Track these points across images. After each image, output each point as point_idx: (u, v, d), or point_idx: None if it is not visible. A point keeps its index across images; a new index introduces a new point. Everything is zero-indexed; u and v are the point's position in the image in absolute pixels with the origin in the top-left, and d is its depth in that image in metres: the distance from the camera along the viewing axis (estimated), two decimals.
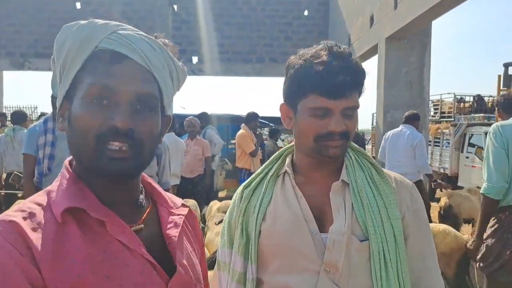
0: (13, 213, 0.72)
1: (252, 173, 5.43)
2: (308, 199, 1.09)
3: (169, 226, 0.87)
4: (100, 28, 0.77)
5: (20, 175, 3.88)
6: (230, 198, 4.62)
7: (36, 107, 22.65)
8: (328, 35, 12.91)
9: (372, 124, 21.37)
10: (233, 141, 10.22)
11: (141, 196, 0.88)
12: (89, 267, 0.70)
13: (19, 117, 6.16)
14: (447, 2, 4.88)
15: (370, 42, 7.75)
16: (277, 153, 1.24)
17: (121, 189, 0.82)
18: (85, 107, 0.75)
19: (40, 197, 0.77)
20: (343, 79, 1.01)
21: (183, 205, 0.97)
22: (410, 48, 6.73)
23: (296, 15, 13.30)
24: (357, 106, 1.06)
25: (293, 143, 1.21)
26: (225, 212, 4.86)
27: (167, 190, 3.76)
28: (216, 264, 1.25)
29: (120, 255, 0.75)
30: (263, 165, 1.24)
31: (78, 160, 0.80)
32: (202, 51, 12.80)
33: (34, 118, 16.69)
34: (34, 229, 0.70)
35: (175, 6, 12.98)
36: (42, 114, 5.35)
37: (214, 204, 5.16)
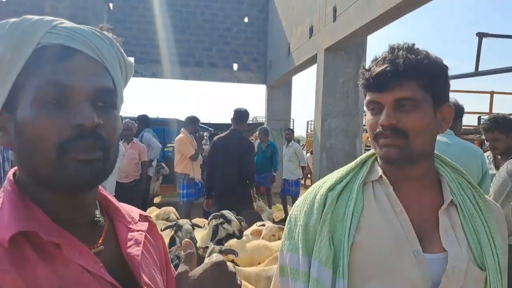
0: None
1: (191, 178, 5.30)
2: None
3: (129, 244, 0.80)
4: (39, 23, 0.68)
5: None
6: (166, 204, 4.51)
7: None
8: (267, 43, 13.11)
9: (307, 131, 22.12)
10: (170, 145, 9.99)
11: (97, 212, 0.79)
12: None
13: None
14: (383, 16, 5.15)
15: (309, 52, 7.96)
16: (360, 157, 1.13)
17: (77, 204, 0.73)
18: (37, 114, 0.65)
19: None
20: (384, 69, 0.97)
21: (142, 217, 0.90)
22: (347, 59, 7.00)
23: (235, 21, 13.34)
24: (414, 98, 0.96)
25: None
26: (165, 219, 4.73)
27: None
28: (279, 271, 1.12)
29: (80, 279, 0.67)
30: (344, 170, 1.11)
31: (33, 175, 0.69)
32: (138, 52, 12.41)
33: None
34: None
35: (111, 5, 12.46)
36: None
37: (152, 211, 4.99)
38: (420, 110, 0.97)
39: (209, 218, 3.88)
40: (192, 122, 6.51)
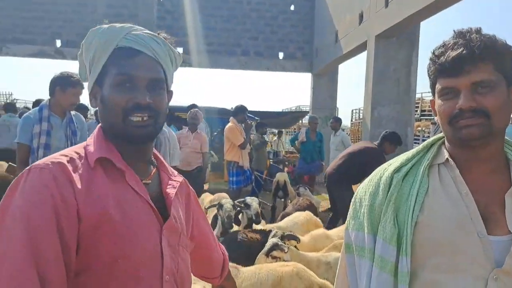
0: (60, 157, 0.97)
1: (240, 166, 5.43)
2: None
3: (168, 186, 1.14)
4: (118, 30, 1.03)
5: (15, 165, 3.77)
6: (214, 191, 4.67)
7: (11, 94, 21.91)
8: (314, 31, 12.97)
9: (351, 120, 21.74)
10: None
11: (151, 160, 1.15)
12: (110, 203, 0.94)
13: (11, 106, 8.31)
14: (438, 3, 4.97)
15: (358, 39, 7.83)
16: (427, 141, 1.16)
17: (137, 151, 1.09)
18: (114, 90, 1.02)
19: (78, 148, 1.04)
20: (460, 53, 0.97)
21: (179, 175, 1.24)
22: (398, 46, 6.83)
23: (282, 9, 13.28)
24: (490, 80, 0.98)
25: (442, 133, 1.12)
26: None
27: None
28: (345, 248, 1.19)
29: (132, 199, 1.00)
30: (410, 153, 1.15)
31: (109, 128, 1.06)
32: (187, 43, 12.64)
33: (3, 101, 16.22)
34: (74, 170, 0.95)
35: None
36: (38, 101, 5.21)
37: (206, 197, 5.16)
38: (496, 91, 0.98)
39: (207, 207, 4.15)
40: (241, 111, 6.60)
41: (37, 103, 5.58)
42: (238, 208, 3.89)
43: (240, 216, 3.92)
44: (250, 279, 2.38)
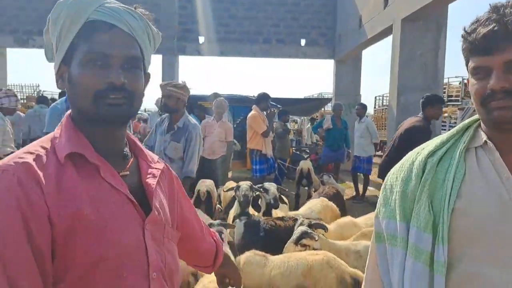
0: (23, 155, 0.88)
1: (263, 154, 5.42)
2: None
3: (148, 176, 1.06)
4: (89, 2, 0.92)
5: None
6: (237, 179, 4.70)
7: (38, 85, 22.42)
8: (336, 16, 12.72)
9: (375, 107, 21.37)
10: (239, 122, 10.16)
11: (126, 149, 1.06)
12: (84, 202, 0.87)
13: (43, 99, 8.58)
14: None
15: (384, 23, 7.63)
16: (462, 123, 1.10)
17: (111, 138, 1.00)
18: (83, 69, 0.92)
19: (45, 142, 0.94)
20: (491, 29, 0.91)
21: (160, 160, 1.15)
22: (425, 29, 6.62)
23: None
24: None
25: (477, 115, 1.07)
26: None
27: (187, 178, 3.74)
28: (375, 237, 1.14)
29: (109, 194, 0.92)
30: (445, 136, 1.09)
31: (79, 111, 0.96)
32: (208, 31, 12.62)
33: (35, 95, 16.68)
34: (41, 169, 0.86)
35: None
36: (64, 92, 5.33)
37: (230, 184, 5.16)
38: None
39: (226, 190, 4.24)
40: (263, 99, 6.55)
41: (63, 93, 5.71)
42: (257, 193, 3.87)
43: (259, 202, 3.91)
44: (279, 268, 2.37)
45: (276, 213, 4.03)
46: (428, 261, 0.99)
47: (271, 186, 3.95)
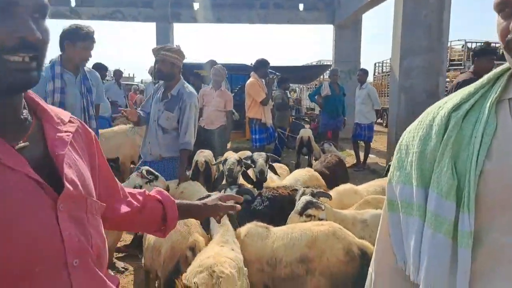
0: None
1: (263, 123, 5.25)
2: None
3: (56, 143, 0.85)
4: None
5: None
6: (236, 149, 4.55)
7: None
8: None
9: (374, 74, 21.07)
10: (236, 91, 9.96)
11: (25, 112, 0.84)
12: None
13: None
14: None
15: None
16: (493, 71, 0.94)
17: (5, 105, 0.78)
18: None
19: None
20: None
21: (72, 120, 0.94)
22: None
23: None
24: None
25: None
26: None
27: (184, 151, 3.58)
28: (387, 205, 1.01)
29: (2, 178, 0.72)
30: (472, 87, 0.94)
31: None
32: None
33: None
34: None
35: None
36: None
37: (230, 155, 5.03)
38: None
39: (213, 164, 4.06)
40: (262, 66, 6.34)
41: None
42: (245, 167, 3.64)
43: (251, 174, 3.74)
44: (282, 239, 2.25)
45: (269, 183, 3.87)
46: (451, 232, 0.85)
47: (260, 157, 3.69)
